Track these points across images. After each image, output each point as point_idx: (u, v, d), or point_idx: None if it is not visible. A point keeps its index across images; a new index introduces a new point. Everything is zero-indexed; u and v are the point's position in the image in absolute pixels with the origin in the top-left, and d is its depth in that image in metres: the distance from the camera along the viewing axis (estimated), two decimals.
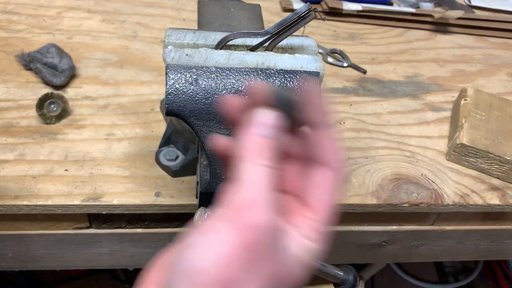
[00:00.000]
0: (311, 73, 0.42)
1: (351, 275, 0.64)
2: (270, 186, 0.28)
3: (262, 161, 0.28)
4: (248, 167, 0.28)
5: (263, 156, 0.29)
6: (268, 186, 0.28)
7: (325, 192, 0.31)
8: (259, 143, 0.29)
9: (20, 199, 0.51)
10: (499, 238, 0.69)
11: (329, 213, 0.31)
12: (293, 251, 0.29)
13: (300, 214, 0.31)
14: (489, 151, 0.62)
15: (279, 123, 0.30)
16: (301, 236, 0.30)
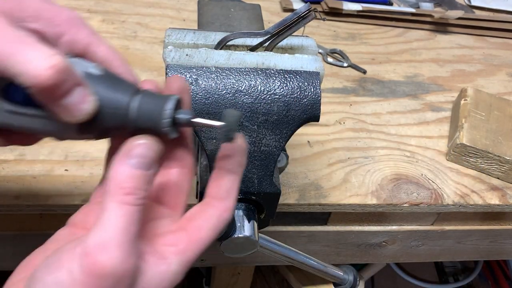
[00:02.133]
0: (311, 73, 0.42)
1: (351, 275, 0.64)
2: (133, 225, 0.27)
3: (128, 198, 0.27)
4: (109, 204, 0.27)
5: (130, 192, 0.27)
6: (130, 227, 0.27)
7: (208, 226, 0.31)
8: (130, 176, 0.28)
9: (20, 199, 0.51)
10: (499, 238, 0.69)
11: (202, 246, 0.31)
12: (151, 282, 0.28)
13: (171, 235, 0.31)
14: (489, 151, 0.62)
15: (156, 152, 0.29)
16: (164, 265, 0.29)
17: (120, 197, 0.27)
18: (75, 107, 0.28)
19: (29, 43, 0.27)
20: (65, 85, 0.28)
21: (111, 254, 0.26)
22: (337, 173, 0.60)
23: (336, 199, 0.57)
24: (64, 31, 0.31)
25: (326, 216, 0.61)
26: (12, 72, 0.27)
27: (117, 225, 0.27)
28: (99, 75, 0.31)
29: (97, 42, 0.33)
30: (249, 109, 0.40)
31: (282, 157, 0.58)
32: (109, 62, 0.33)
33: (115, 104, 0.30)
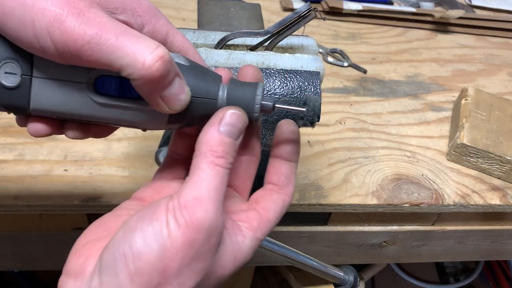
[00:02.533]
0: (311, 73, 0.42)
1: (351, 275, 0.64)
2: (222, 187, 0.28)
3: (219, 161, 0.28)
4: (204, 165, 0.28)
5: (222, 155, 0.29)
6: (220, 187, 0.28)
7: (275, 209, 0.33)
8: (221, 142, 0.29)
9: (20, 199, 0.51)
10: (500, 238, 0.69)
11: (270, 228, 0.33)
12: (229, 248, 0.30)
13: (243, 213, 0.33)
14: (489, 151, 0.62)
15: (244, 124, 0.31)
16: (240, 235, 0.31)
17: (212, 159, 0.28)
18: (175, 98, 0.29)
19: (134, 35, 0.27)
20: (169, 76, 0.28)
21: (206, 208, 0.27)
22: (338, 173, 0.60)
23: (337, 199, 0.57)
24: (146, 21, 0.32)
25: (327, 216, 0.61)
26: (119, 64, 0.27)
27: (210, 183, 0.28)
28: (188, 66, 0.31)
29: (174, 32, 0.33)
30: None
31: None
32: (184, 51, 0.34)
33: (206, 93, 0.31)
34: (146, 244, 0.26)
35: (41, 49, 0.27)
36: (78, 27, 0.26)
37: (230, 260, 0.30)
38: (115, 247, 0.27)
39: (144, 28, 0.32)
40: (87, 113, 0.31)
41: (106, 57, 0.27)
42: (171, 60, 0.28)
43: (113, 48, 0.26)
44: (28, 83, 0.30)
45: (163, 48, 0.27)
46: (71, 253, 0.30)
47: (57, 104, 0.31)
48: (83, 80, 0.30)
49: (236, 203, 0.34)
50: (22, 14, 0.26)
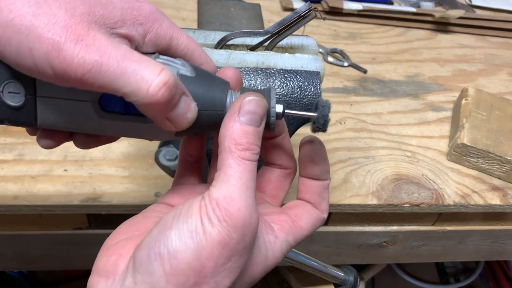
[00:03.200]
0: (311, 73, 0.42)
1: (352, 275, 0.64)
2: (252, 181, 0.28)
3: (245, 154, 0.28)
4: (230, 161, 0.28)
5: (247, 147, 0.28)
6: (250, 181, 0.27)
7: (308, 219, 0.33)
8: (244, 133, 0.28)
9: (20, 199, 0.51)
10: (500, 238, 0.69)
11: (301, 235, 0.32)
12: (262, 246, 0.30)
13: (275, 215, 0.32)
14: (490, 151, 0.62)
15: (264, 109, 0.30)
16: (272, 235, 0.31)
17: (238, 153, 0.28)
18: (181, 117, 0.29)
19: (135, 60, 0.27)
20: (175, 99, 0.28)
21: (238, 206, 0.26)
22: (338, 173, 0.60)
23: (337, 200, 0.57)
24: (148, 28, 0.30)
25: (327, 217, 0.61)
26: (123, 92, 0.26)
27: (240, 179, 0.27)
28: (193, 77, 0.30)
29: (178, 34, 0.32)
30: None
31: None
32: (190, 54, 0.33)
33: (213, 105, 0.31)
34: (182, 243, 0.26)
35: (41, 75, 0.26)
36: (77, 55, 0.25)
37: (262, 259, 0.30)
38: (150, 246, 0.26)
39: (147, 36, 0.31)
40: (93, 128, 0.31)
41: (108, 84, 0.26)
42: (176, 82, 0.27)
43: (115, 76, 0.26)
44: (32, 102, 0.30)
45: (166, 72, 0.27)
46: (101, 252, 0.30)
47: (63, 121, 0.30)
48: (87, 98, 0.29)
49: (267, 207, 0.34)
50: (18, 44, 0.25)
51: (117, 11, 0.29)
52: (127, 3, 0.30)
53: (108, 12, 0.28)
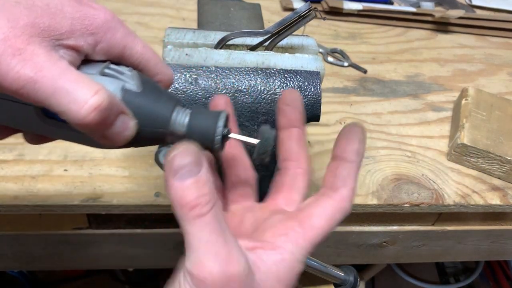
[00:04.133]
0: (312, 73, 0.42)
1: (352, 275, 0.64)
2: (215, 232, 0.27)
3: (195, 212, 0.27)
4: (186, 226, 0.27)
5: (195, 204, 0.27)
6: (212, 235, 0.27)
7: (321, 214, 0.31)
8: (185, 191, 0.27)
9: (19, 199, 0.51)
10: (500, 238, 0.69)
11: (315, 234, 0.31)
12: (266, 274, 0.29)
13: (281, 224, 0.32)
14: (490, 151, 0.62)
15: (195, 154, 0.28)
16: (275, 254, 0.30)
17: (188, 215, 0.27)
18: (116, 136, 0.29)
19: (71, 79, 0.26)
20: (108, 120, 0.28)
21: (210, 268, 0.26)
22: None
23: None
24: (100, 38, 0.30)
25: None
26: (55, 110, 0.26)
27: (201, 241, 0.27)
28: (138, 92, 0.30)
29: (132, 43, 0.32)
30: (249, 109, 0.40)
31: None
32: (144, 64, 0.32)
33: (155, 123, 0.30)
34: None
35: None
36: (12, 70, 0.25)
37: (273, 283, 0.29)
38: None
39: (97, 46, 0.30)
40: (38, 130, 0.31)
41: (42, 101, 0.26)
42: (111, 104, 0.27)
43: (48, 94, 0.26)
44: None
45: (100, 95, 0.26)
46: None
47: (9, 120, 0.31)
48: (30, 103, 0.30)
49: (276, 219, 0.33)
50: None
51: (66, 21, 0.28)
52: (79, 12, 0.29)
53: (55, 22, 0.28)
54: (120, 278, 1.08)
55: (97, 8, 0.30)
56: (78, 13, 0.29)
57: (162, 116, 0.30)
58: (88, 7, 0.30)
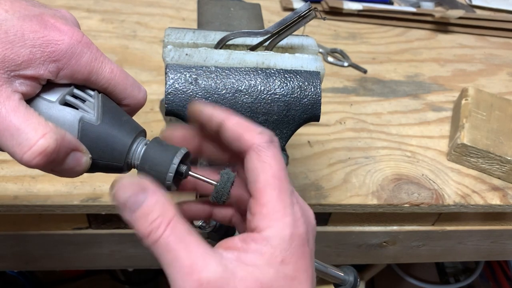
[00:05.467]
0: (312, 73, 0.42)
1: (352, 275, 0.64)
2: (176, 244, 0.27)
3: (152, 238, 0.27)
4: (154, 250, 0.27)
5: (149, 232, 0.27)
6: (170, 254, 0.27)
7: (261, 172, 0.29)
8: (137, 221, 0.27)
9: (19, 199, 0.51)
10: (500, 238, 0.69)
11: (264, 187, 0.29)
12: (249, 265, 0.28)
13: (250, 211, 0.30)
14: (490, 151, 0.62)
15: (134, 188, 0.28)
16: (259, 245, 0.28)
17: (148, 243, 0.27)
18: (67, 171, 0.29)
19: (19, 121, 0.26)
20: (57, 160, 0.28)
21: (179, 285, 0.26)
22: (338, 173, 0.60)
23: (337, 200, 0.57)
24: (63, 65, 0.29)
25: (327, 217, 0.61)
26: (3, 149, 0.27)
27: (164, 263, 0.27)
28: (96, 125, 0.30)
29: (98, 69, 0.30)
30: (249, 109, 0.40)
31: (283, 157, 0.57)
32: (111, 89, 0.32)
33: (111, 157, 0.31)
34: None
35: None
36: None
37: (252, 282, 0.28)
38: None
39: (60, 72, 0.29)
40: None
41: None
42: (60, 145, 0.27)
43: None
44: None
45: (46, 139, 0.26)
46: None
47: None
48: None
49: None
50: None
51: (25, 49, 0.27)
52: (42, 38, 0.28)
53: (12, 52, 0.27)
54: (120, 278, 1.08)
55: (64, 31, 0.29)
56: (40, 39, 0.28)
57: (119, 150, 0.30)
58: (53, 31, 0.29)
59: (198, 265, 0.26)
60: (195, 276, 0.26)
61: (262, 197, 0.29)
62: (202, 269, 0.26)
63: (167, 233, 0.27)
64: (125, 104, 0.33)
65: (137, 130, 0.32)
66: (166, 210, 0.28)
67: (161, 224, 0.27)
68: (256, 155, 0.29)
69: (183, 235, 0.27)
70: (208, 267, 0.27)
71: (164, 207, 0.28)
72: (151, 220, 0.27)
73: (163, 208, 0.28)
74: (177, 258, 0.27)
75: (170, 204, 0.28)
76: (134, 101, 0.33)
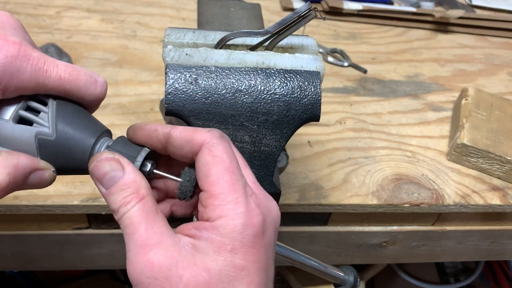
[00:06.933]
0: (311, 73, 0.42)
1: (351, 275, 0.64)
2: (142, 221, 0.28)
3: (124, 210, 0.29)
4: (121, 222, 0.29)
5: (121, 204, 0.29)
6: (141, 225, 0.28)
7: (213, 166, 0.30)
8: (112, 194, 0.29)
9: (20, 199, 0.51)
10: (500, 238, 0.69)
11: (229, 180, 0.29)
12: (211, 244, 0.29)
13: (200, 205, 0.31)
14: (490, 151, 0.62)
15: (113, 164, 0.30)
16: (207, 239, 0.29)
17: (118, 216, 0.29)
18: (35, 187, 0.30)
19: None
20: (17, 184, 0.28)
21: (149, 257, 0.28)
22: (338, 173, 0.60)
23: (337, 200, 0.57)
24: (5, 86, 0.28)
25: (327, 217, 0.61)
26: None
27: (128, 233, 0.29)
28: (52, 140, 0.30)
29: (45, 79, 0.29)
30: (249, 108, 0.40)
31: (282, 157, 0.58)
32: (64, 92, 0.31)
33: (74, 166, 0.31)
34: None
35: None
36: None
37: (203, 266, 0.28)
38: None
39: (5, 93, 0.28)
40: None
41: None
42: (12, 177, 0.28)
43: None
44: None
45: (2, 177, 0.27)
46: None
47: None
48: None
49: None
50: None
51: None
52: None
53: None
54: (120, 278, 1.08)
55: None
56: None
57: (80, 157, 0.31)
58: None
59: (153, 241, 0.28)
60: (147, 250, 0.27)
61: (214, 189, 0.29)
62: (156, 245, 0.28)
63: (135, 209, 0.29)
64: (84, 102, 0.33)
65: (99, 131, 0.32)
66: (139, 188, 0.29)
67: (131, 201, 0.29)
68: (207, 151, 0.30)
69: (149, 214, 0.29)
70: (161, 244, 0.28)
71: (138, 186, 0.29)
72: (123, 195, 0.29)
73: (137, 187, 0.29)
74: (136, 231, 0.28)
75: (145, 185, 0.30)
76: (91, 98, 0.32)
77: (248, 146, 0.40)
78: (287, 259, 0.56)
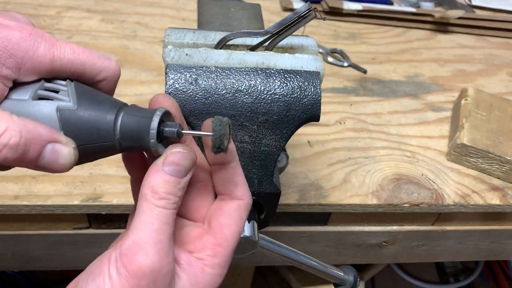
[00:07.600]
0: (311, 73, 0.42)
1: (351, 275, 0.64)
2: (164, 226, 0.28)
3: (160, 202, 0.28)
4: (144, 207, 0.28)
5: (163, 197, 0.28)
6: (163, 227, 0.28)
7: (228, 218, 0.31)
8: (164, 182, 0.28)
9: (20, 199, 0.51)
10: (500, 238, 0.69)
11: (231, 243, 0.31)
12: (186, 285, 0.29)
13: (198, 241, 0.31)
14: (489, 151, 0.62)
15: (191, 161, 0.29)
16: (196, 266, 0.30)
17: (153, 201, 0.28)
18: (51, 165, 0.28)
19: None
20: (30, 154, 0.26)
21: (146, 252, 0.27)
22: (338, 173, 0.60)
23: (337, 199, 0.57)
24: (20, 60, 0.28)
25: (326, 217, 0.61)
26: None
27: (151, 225, 0.27)
28: (74, 110, 0.29)
29: (59, 54, 0.29)
30: (249, 109, 0.40)
31: (282, 157, 0.58)
32: (80, 70, 0.31)
33: (99, 138, 0.29)
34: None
35: None
36: None
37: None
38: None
39: (21, 68, 0.28)
40: None
41: None
42: (24, 138, 0.26)
43: None
44: None
45: (9, 133, 0.25)
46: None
47: None
48: None
49: (188, 232, 0.32)
50: None
51: None
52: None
53: None
54: None
55: (13, 27, 0.28)
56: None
57: (105, 128, 0.29)
58: (1, 28, 0.28)
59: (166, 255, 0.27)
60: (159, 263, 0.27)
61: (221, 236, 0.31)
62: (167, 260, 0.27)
63: (171, 213, 0.28)
64: (101, 79, 0.32)
65: (118, 104, 0.31)
66: (181, 199, 0.29)
67: (175, 203, 0.29)
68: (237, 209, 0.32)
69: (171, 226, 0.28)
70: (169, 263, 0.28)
71: (180, 193, 0.29)
72: (174, 193, 0.29)
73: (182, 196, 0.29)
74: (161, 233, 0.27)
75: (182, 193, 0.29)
76: (109, 72, 0.32)
77: (248, 146, 0.41)
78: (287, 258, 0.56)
